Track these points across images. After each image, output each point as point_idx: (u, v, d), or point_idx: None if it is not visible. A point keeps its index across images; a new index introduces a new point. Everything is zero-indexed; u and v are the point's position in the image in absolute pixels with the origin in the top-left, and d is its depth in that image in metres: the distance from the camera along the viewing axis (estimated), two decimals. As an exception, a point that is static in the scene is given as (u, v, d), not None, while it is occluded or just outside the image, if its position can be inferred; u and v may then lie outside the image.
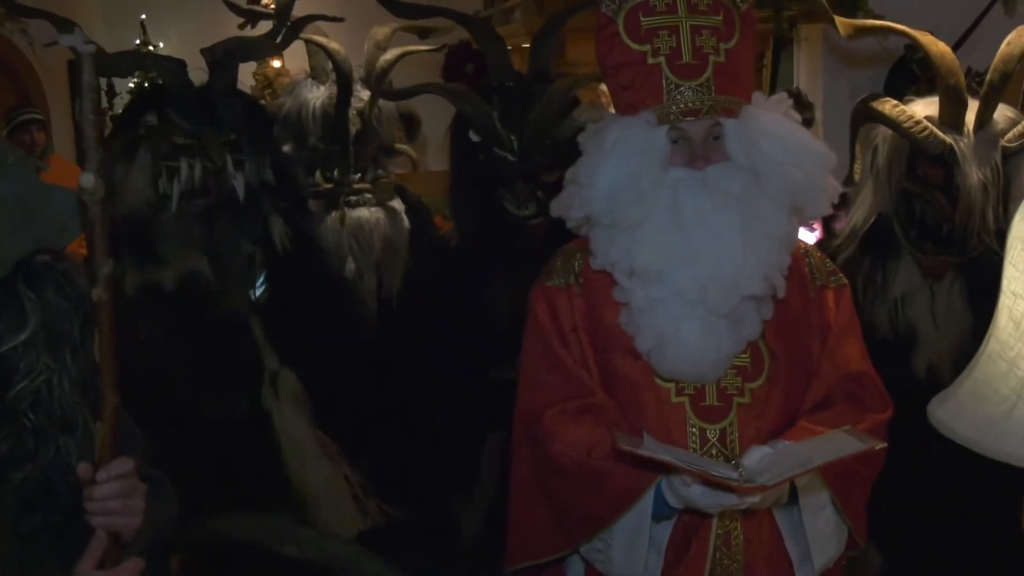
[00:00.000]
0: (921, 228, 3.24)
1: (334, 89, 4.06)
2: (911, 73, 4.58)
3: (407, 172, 5.22)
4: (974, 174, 3.09)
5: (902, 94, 4.55)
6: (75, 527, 1.72)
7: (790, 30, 4.36)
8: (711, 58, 2.31)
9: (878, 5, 4.55)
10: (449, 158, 3.69)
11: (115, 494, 1.72)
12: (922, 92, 4.53)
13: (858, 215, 3.38)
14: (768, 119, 2.36)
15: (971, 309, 3.20)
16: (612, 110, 3.86)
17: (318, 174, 4.07)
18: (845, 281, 2.55)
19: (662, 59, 2.31)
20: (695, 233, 2.26)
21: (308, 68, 4.37)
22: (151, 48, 9.07)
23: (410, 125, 3.99)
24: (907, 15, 4.48)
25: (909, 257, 3.28)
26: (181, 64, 3.36)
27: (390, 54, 3.95)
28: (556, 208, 2.44)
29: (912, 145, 3.17)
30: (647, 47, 2.33)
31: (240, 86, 3.45)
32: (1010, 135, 3.15)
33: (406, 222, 4.08)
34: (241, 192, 3.24)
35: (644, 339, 2.32)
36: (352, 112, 4.01)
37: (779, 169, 2.29)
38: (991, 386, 1.51)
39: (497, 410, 2.78)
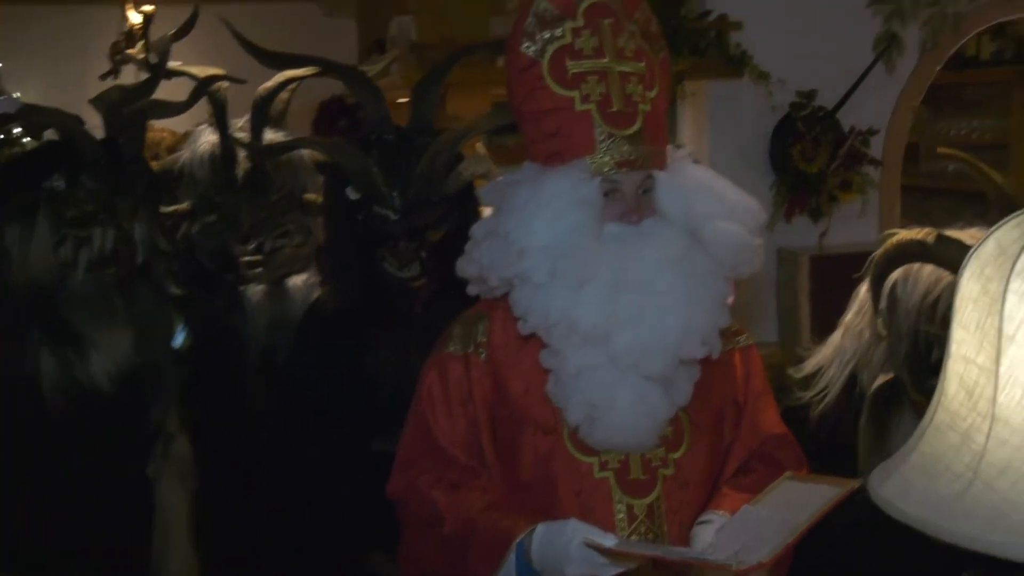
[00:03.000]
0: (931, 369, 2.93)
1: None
2: (796, 131, 4.55)
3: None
4: None
5: (787, 151, 4.57)
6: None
7: (675, 86, 4.29)
8: (640, 107, 2.23)
9: (764, 62, 4.52)
10: (323, 217, 3.50)
11: None
12: (807, 151, 4.56)
13: (838, 370, 3.12)
14: (697, 172, 2.29)
15: None
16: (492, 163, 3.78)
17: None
18: (751, 341, 2.47)
19: (592, 106, 2.21)
20: (639, 294, 2.15)
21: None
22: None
23: None
24: (792, 74, 4.52)
25: (910, 409, 3.03)
26: (80, 121, 3.14)
27: (271, 81, 3.69)
28: (467, 267, 2.32)
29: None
30: (575, 93, 2.21)
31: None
32: None
33: (309, 297, 3.70)
34: (140, 258, 3.07)
35: (574, 410, 2.19)
36: (242, 156, 3.72)
37: (716, 223, 2.20)
38: (942, 461, 1.38)
39: (381, 485, 2.56)
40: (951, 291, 2.84)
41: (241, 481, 3.42)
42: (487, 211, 3.51)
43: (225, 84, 3.82)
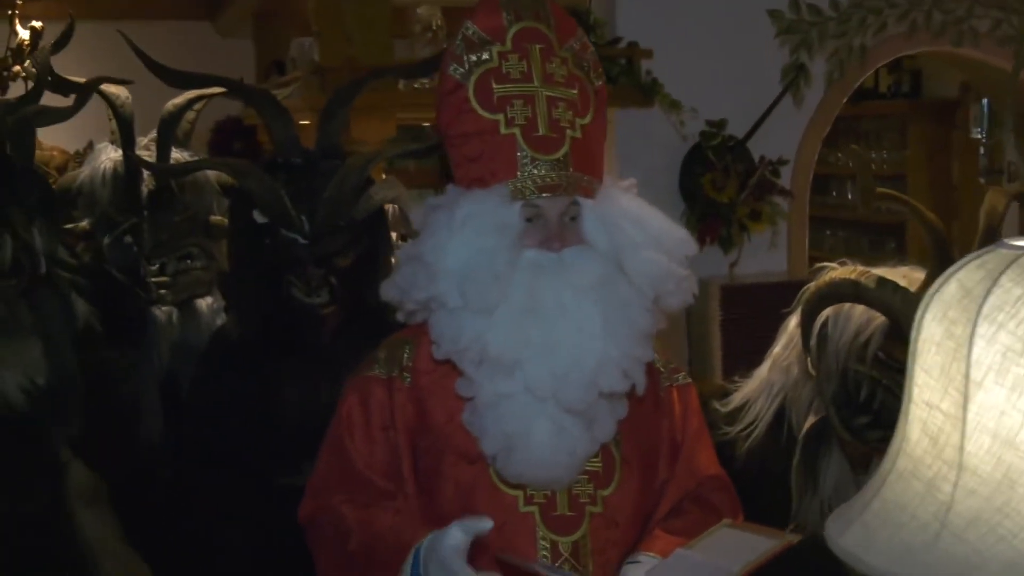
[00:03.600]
0: (873, 415, 2.90)
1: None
2: (706, 160, 4.53)
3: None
4: None
5: (697, 180, 4.55)
6: None
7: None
8: (568, 133, 2.16)
9: (674, 91, 4.51)
10: (228, 241, 3.38)
11: None
12: (717, 180, 4.54)
13: (765, 404, 3.08)
14: (627, 201, 2.21)
15: None
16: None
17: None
18: (689, 379, 2.41)
19: (516, 130, 2.15)
20: (553, 322, 2.07)
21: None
22: None
23: None
24: (702, 103, 4.52)
25: (839, 449, 3.02)
26: None
27: (180, 98, 3.60)
28: (388, 291, 2.24)
29: (892, 324, 2.80)
30: (500, 116, 2.16)
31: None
32: None
33: (215, 321, 3.65)
34: (43, 268, 2.91)
35: (490, 441, 2.11)
36: (147, 174, 3.60)
37: (640, 252, 2.13)
38: (907, 511, 1.31)
39: (285, 521, 2.48)
40: (883, 332, 2.85)
41: (141, 515, 3.26)
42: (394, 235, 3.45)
43: (129, 98, 3.71)
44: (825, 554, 1.45)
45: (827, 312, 2.91)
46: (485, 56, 2.19)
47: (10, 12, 7.15)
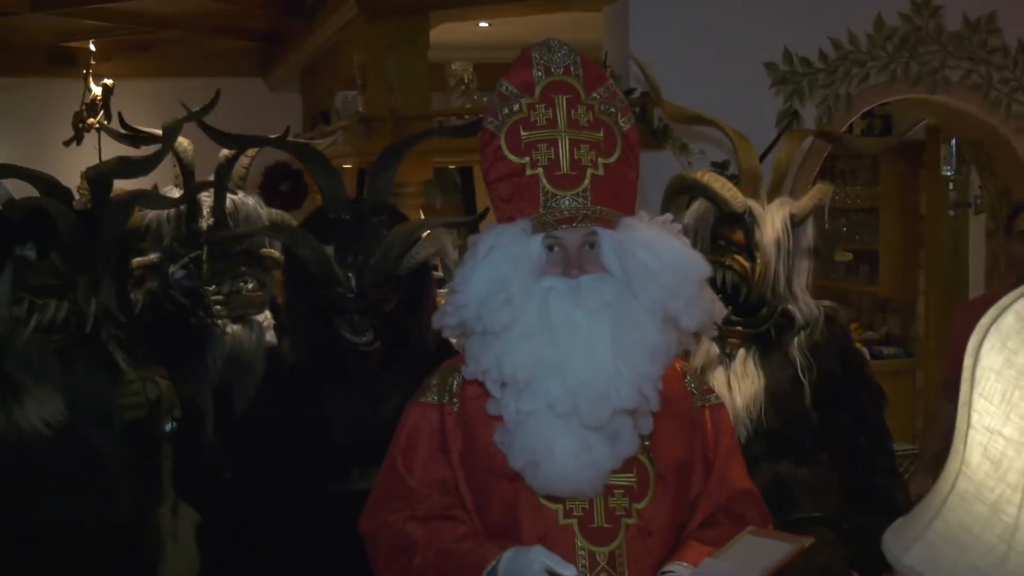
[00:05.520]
0: (723, 296, 3.05)
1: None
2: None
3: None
4: (769, 232, 3.10)
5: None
6: None
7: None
8: (589, 171, 2.10)
9: (683, 136, 4.44)
10: (284, 285, 3.32)
11: None
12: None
13: None
14: (646, 230, 2.12)
15: (762, 373, 3.14)
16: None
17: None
18: (721, 399, 2.32)
19: (540, 170, 2.11)
20: (564, 340, 2.00)
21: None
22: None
23: None
24: (708, 146, 4.43)
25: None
26: (69, 195, 2.91)
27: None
28: (435, 320, 2.20)
29: (717, 209, 3.18)
30: (526, 159, 2.12)
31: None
32: (796, 206, 3.21)
33: (267, 337, 3.66)
34: (88, 327, 2.79)
35: (516, 456, 2.03)
36: (206, 210, 3.63)
37: (652, 278, 2.04)
38: (971, 532, 1.20)
39: (339, 522, 2.49)
40: (714, 217, 3.17)
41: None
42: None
43: (191, 146, 3.74)
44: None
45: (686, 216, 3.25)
46: (516, 108, 2.17)
47: (85, 71, 7.12)
